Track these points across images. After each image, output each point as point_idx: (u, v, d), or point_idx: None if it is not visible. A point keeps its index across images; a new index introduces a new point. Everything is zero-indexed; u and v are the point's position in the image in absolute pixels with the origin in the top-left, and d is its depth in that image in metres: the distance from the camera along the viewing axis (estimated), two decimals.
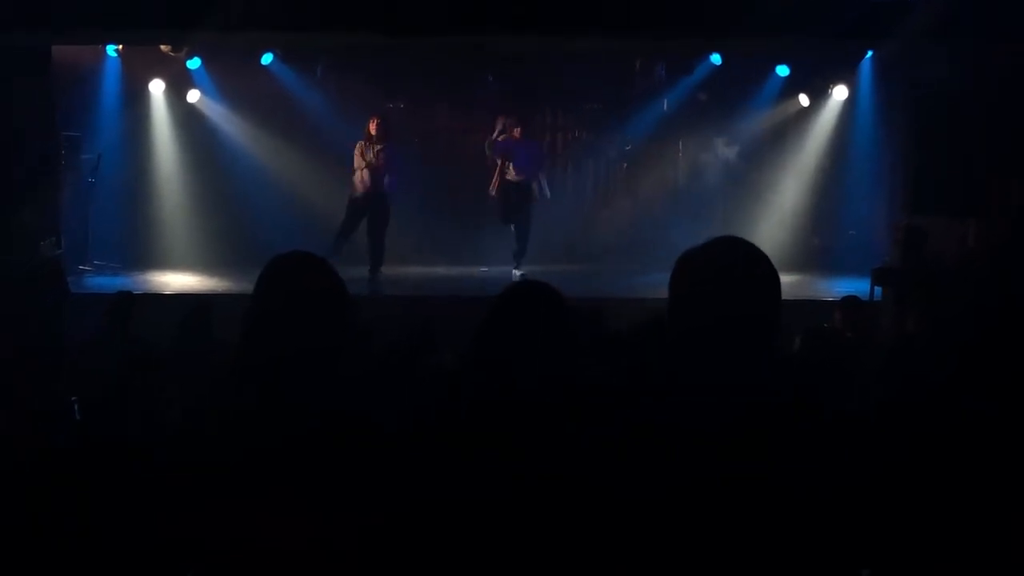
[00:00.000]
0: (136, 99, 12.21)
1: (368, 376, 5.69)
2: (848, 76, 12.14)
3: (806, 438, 1.93)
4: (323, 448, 2.07)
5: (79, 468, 2.76)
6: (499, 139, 11.62)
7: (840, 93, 12.37)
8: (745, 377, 1.97)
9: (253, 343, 2.17)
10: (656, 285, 2.30)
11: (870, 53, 11.36)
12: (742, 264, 2.04)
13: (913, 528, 2.13)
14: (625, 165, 13.31)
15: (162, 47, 11.24)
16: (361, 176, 11.03)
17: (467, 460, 2.11)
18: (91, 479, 2.64)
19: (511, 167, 11.23)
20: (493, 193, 11.32)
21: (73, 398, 5.52)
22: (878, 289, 9.04)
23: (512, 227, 11.37)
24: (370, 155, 10.98)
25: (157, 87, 12.29)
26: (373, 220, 11.10)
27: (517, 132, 11.35)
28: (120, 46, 11.42)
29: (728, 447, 1.91)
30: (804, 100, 12.61)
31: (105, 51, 11.53)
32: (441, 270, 11.75)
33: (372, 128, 11.02)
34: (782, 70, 12.18)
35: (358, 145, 11.08)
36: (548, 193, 11.55)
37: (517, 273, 11.04)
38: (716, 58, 11.85)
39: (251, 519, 2.03)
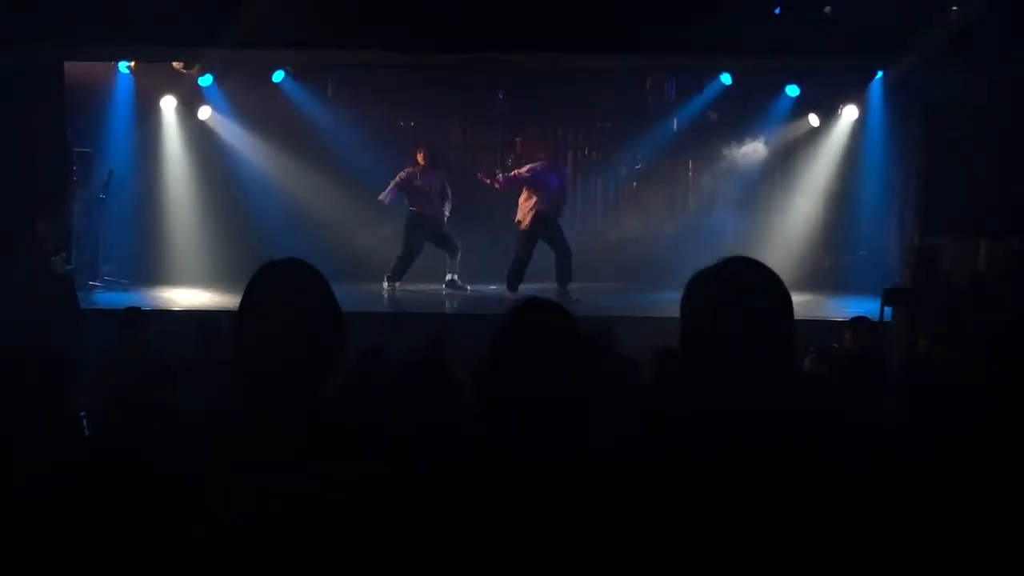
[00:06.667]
0: (148, 116, 12.25)
1: (377, 389, 5.68)
2: (858, 96, 12.13)
3: (817, 461, 1.92)
4: (323, 463, 2.07)
5: (89, 484, 2.76)
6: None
7: (850, 113, 12.35)
8: (759, 398, 1.96)
9: (244, 352, 2.19)
10: (665, 304, 2.29)
11: (880, 73, 11.36)
12: (755, 285, 2.03)
13: (936, 557, 2.10)
14: (635, 183, 13.33)
15: (174, 64, 11.30)
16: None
17: (472, 478, 2.10)
18: (100, 494, 2.63)
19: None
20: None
21: (82, 413, 5.52)
22: (888, 309, 9.01)
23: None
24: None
25: (169, 104, 12.33)
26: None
27: (420, 157, 11.39)
28: (132, 63, 11.47)
29: (742, 469, 1.90)
30: (814, 120, 12.59)
31: (117, 68, 11.58)
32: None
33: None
34: (792, 90, 12.17)
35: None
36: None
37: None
38: (726, 78, 11.86)
39: (254, 533, 2.03)
